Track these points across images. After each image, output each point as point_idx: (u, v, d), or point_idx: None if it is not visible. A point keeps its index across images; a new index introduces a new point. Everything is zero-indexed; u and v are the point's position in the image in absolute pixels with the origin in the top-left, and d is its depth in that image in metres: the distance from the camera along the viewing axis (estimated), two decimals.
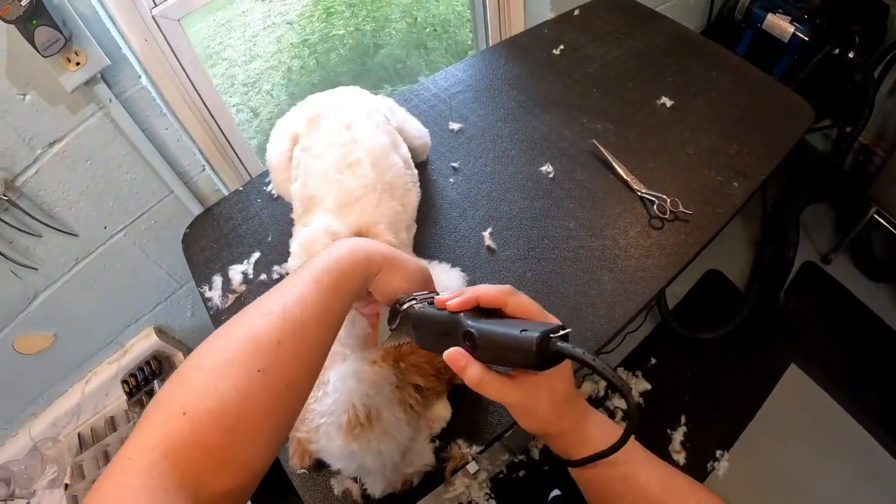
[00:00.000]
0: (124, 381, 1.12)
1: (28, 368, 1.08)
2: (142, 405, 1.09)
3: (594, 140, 0.91)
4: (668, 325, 1.45)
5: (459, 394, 0.68)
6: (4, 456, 1.18)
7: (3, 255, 0.89)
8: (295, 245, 0.68)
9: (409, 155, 0.75)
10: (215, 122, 0.98)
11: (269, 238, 0.88)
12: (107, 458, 1.13)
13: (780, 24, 1.27)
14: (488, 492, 1.35)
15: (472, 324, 0.41)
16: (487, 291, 0.42)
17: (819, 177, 1.49)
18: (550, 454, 1.42)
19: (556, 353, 0.38)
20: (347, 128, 0.71)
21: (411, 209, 0.73)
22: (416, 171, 0.75)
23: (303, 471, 0.68)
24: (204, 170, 0.95)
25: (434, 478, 0.66)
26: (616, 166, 0.89)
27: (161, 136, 0.89)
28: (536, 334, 0.37)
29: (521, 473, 1.36)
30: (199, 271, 0.89)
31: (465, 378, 0.41)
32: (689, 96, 1.00)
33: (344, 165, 0.67)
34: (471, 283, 0.76)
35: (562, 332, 0.38)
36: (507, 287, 0.43)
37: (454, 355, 0.41)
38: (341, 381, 0.58)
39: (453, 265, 0.76)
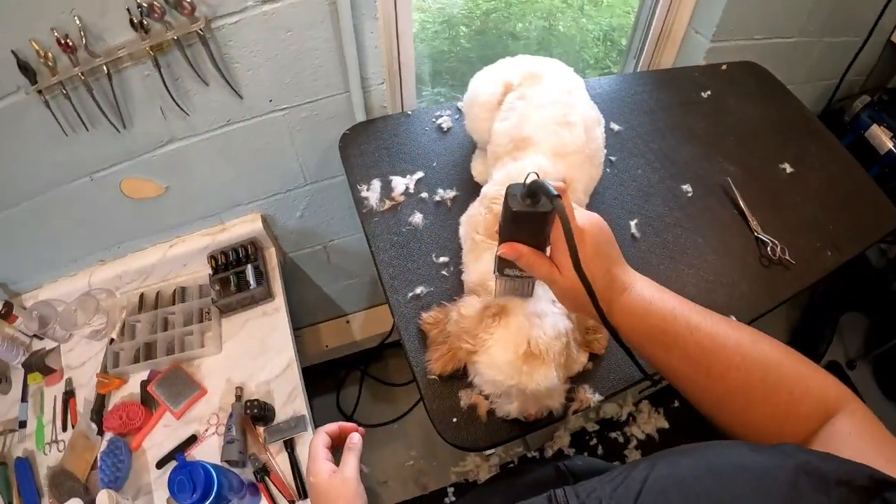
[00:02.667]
0: (213, 257, 1.25)
1: (122, 212, 1.19)
2: (225, 284, 1.22)
3: (728, 178, 1.15)
4: None
5: None
6: (54, 293, 1.28)
7: (165, 86, 0.98)
8: (502, 174, 0.87)
9: (604, 134, 0.96)
10: (398, 48, 1.16)
11: (435, 164, 1.06)
12: (166, 325, 1.25)
13: (881, 137, 1.57)
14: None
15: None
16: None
17: (867, 289, 1.80)
18: (562, 456, 1.61)
19: (529, 187, 0.53)
20: (568, 92, 0.91)
21: (596, 180, 0.94)
22: (605, 151, 0.96)
23: (434, 377, 0.83)
24: (382, 83, 1.13)
25: (556, 416, 0.83)
26: (742, 205, 1.12)
27: (364, 38, 1.05)
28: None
29: None
30: (356, 172, 1.06)
31: (522, 262, 0.57)
32: (805, 169, 1.26)
33: (563, 122, 0.87)
34: None
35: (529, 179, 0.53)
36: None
37: (505, 249, 0.58)
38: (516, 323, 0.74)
39: None
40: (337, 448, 0.69)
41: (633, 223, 1.03)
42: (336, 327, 1.84)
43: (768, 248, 1.08)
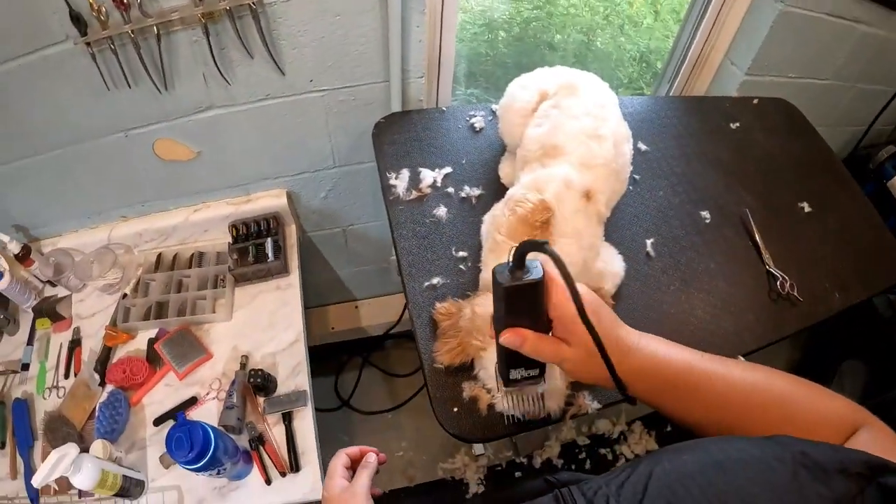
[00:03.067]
0: (234, 226, 1.29)
1: (152, 171, 1.24)
2: (243, 254, 1.26)
3: (747, 209, 1.19)
4: None
5: None
6: (73, 243, 1.33)
7: (211, 54, 1.02)
8: (529, 178, 0.91)
9: (632, 151, 1.01)
10: (440, 44, 1.21)
11: (464, 161, 1.11)
12: (180, 287, 1.30)
13: None
14: (482, 478, 1.56)
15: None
16: None
17: (871, 337, 1.83)
18: (550, 465, 1.65)
19: (517, 251, 0.51)
20: (601, 107, 0.95)
21: (620, 195, 0.98)
22: (631, 168, 1.01)
23: (440, 366, 0.88)
24: (422, 77, 1.17)
25: (552, 418, 0.86)
26: (757, 237, 1.17)
27: (409, 30, 1.09)
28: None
29: (517, 474, 1.58)
30: (386, 159, 1.11)
31: (526, 348, 0.56)
32: (824, 210, 1.29)
33: (593, 134, 0.91)
34: (627, 272, 1.01)
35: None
36: None
37: (508, 336, 0.56)
38: None
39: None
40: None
41: (649, 242, 1.07)
42: (344, 311, 1.89)
43: (778, 283, 1.12)
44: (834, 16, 1.34)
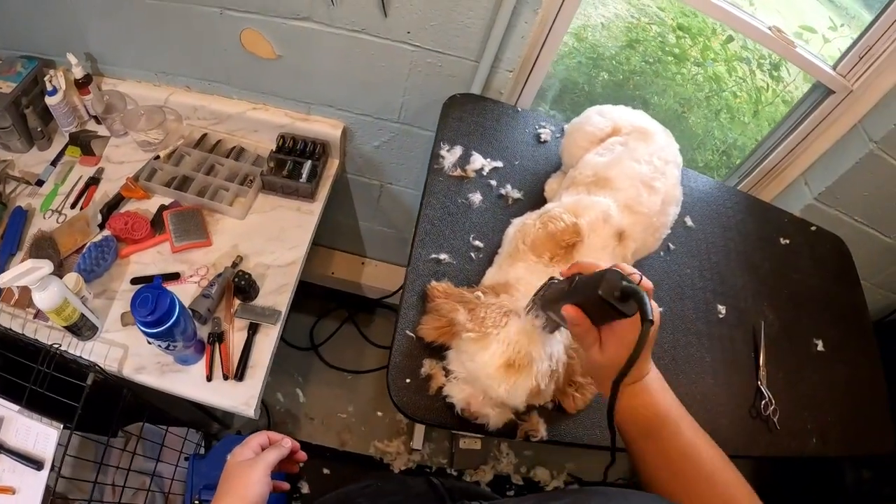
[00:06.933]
0: (282, 136, 1.34)
1: (230, 56, 1.29)
2: (280, 165, 1.31)
3: (763, 322, 1.20)
4: None
5: None
6: (132, 91, 1.39)
7: None
8: (570, 200, 0.94)
9: (676, 217, 1.03)
10: (540, 51, 1.24)
11: (517, 163, 1.14)
12: (210, 171, 1.35)
13: None
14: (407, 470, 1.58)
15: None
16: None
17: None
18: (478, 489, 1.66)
19: (626, 292, 0.57)
20: (665, 162, 0.98)
21: (648, 252, 1.00)
22: (668, 232, 1.03)
23: (412, 336, 0.91)
24: (511, 72, 1.21)
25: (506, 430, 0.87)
26: (761, 353, 1.17)
27: (516, 23, 1.13)
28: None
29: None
30: (444, 132, 1.14)
31: (575, 331, 0.62)
32: (835, 355, 1.29)
33: (648, 183, 0.94)
34: None
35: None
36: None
37: (571, 311, 0.62)
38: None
39: None
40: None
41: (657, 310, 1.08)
42: (349, 262, 1.93)
43: (763, 402, 1.12)
44: None
